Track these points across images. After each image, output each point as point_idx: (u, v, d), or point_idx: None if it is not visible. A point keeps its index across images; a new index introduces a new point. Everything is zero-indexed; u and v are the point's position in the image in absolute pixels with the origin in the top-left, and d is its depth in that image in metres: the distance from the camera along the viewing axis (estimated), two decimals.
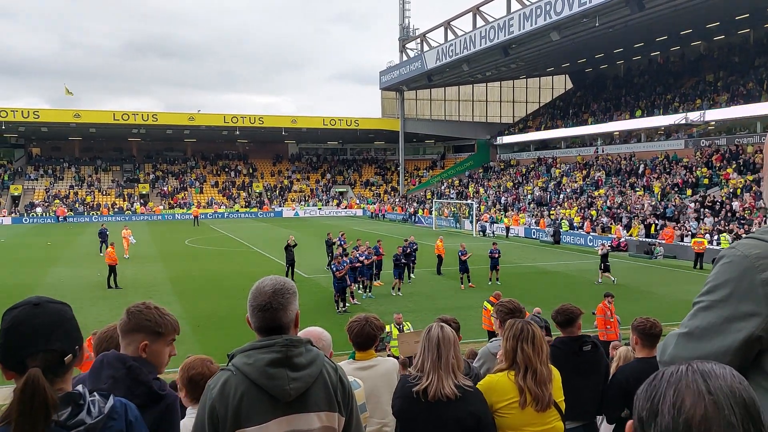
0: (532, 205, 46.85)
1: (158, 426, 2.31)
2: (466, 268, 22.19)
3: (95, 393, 1.86)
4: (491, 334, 13.31)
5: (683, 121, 42.79)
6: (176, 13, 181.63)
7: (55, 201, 61.74)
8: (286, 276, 21.62)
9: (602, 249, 23.66)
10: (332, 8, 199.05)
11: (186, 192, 67.58)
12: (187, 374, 3.25)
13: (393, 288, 21.24)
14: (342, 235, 27.22)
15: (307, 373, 2.29)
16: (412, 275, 23.59)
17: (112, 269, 22.46)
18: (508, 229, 42.23)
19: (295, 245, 23.55)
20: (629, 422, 1.16)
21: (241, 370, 2.25)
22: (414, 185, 69.71)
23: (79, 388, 1.82)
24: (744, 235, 1.69)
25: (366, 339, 3.83)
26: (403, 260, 21.84)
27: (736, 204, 32.71)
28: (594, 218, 38.41)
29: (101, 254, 28.68)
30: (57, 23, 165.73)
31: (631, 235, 33.99)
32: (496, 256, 22.79)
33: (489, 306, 13.47)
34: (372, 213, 60.31)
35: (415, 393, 3.10)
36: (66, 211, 59.74)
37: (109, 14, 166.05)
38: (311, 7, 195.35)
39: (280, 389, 2.23)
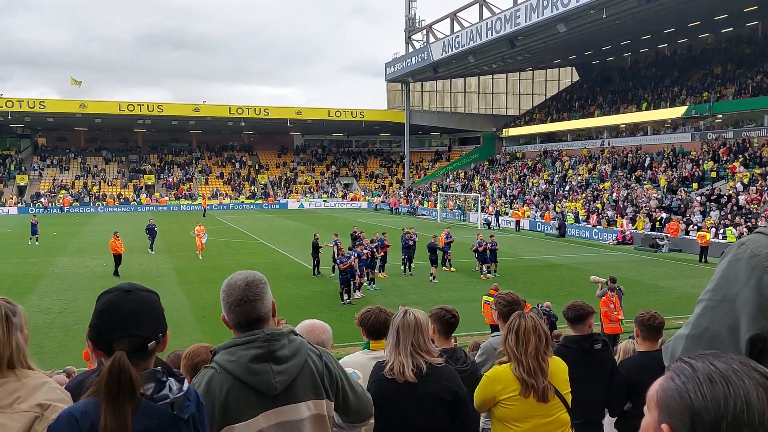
0: (537, 198, 46.73)
1: None
2: (484, 258, 22.87)
3: (170, 376, 1.96)
4: (494, 327, 13.33)
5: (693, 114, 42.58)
6: (193, 6, 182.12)
7: (61, 191, 61.97)
8: (314, 271, 22.17)
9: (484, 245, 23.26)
10: (347, 2, 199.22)
11: (191, 183, 67.73)
12: (192, 362, 3.28)
13: (430, 276, 21.85)
14: (411, 229, 24.74)
15: (291, 365, 2.30)
16: (412, 266, 23.53)
17: (117, 259, 22.60)
18: (518, 222, 41.95)
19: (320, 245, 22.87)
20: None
21: (224, 367, 2.25)
22: (419, 177, 69.63)
23: (159, 368, 1.95)
24: (756, 230, 1.66)
25: (382, 326, 3.83)
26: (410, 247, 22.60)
27: (742, 198, 32.57)
28: (600, 211, 38.30)
29: (151, 252, 28.49)
30: (73, 16, 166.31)
31: (636, 229, 33.91)
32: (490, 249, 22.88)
33: (490, 299, 13.48)
34: (390, 206, 59.46)
35: (388, 374, 3.20)
36: (70, 201, 59.91)
37: (125, 7, 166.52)
38: (328, 1, 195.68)
39: (266, 384, 2.24)
